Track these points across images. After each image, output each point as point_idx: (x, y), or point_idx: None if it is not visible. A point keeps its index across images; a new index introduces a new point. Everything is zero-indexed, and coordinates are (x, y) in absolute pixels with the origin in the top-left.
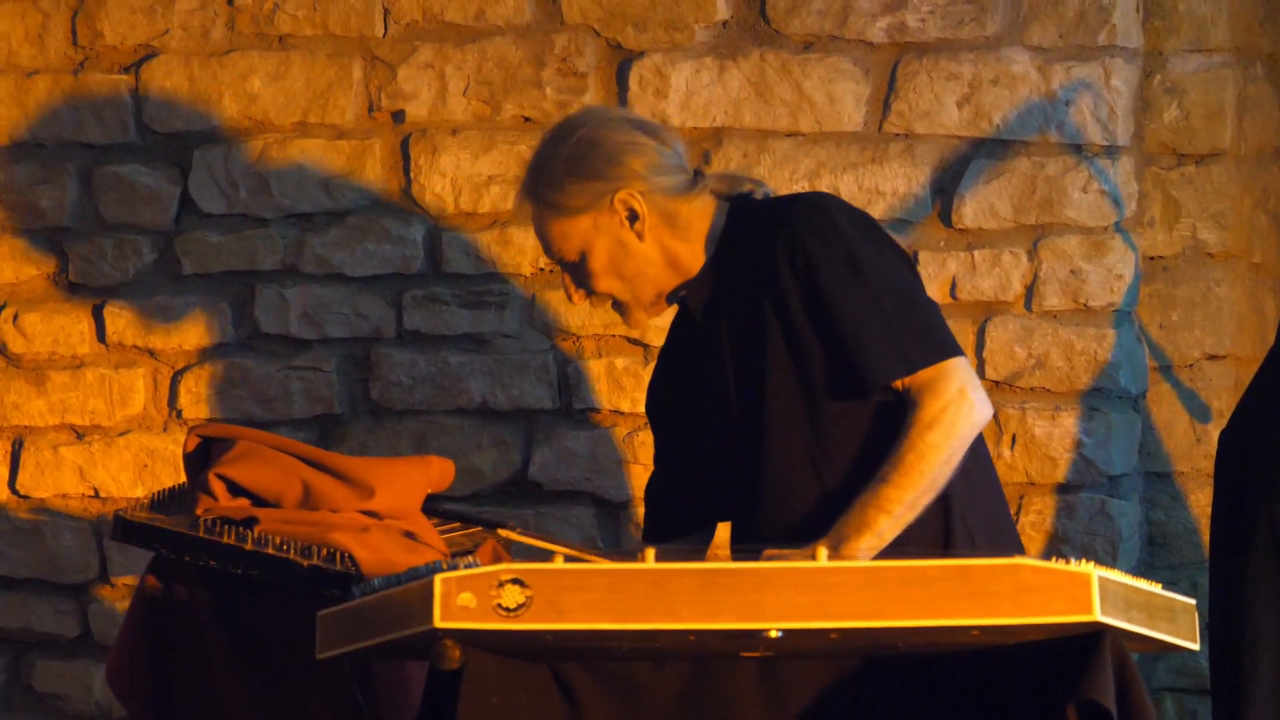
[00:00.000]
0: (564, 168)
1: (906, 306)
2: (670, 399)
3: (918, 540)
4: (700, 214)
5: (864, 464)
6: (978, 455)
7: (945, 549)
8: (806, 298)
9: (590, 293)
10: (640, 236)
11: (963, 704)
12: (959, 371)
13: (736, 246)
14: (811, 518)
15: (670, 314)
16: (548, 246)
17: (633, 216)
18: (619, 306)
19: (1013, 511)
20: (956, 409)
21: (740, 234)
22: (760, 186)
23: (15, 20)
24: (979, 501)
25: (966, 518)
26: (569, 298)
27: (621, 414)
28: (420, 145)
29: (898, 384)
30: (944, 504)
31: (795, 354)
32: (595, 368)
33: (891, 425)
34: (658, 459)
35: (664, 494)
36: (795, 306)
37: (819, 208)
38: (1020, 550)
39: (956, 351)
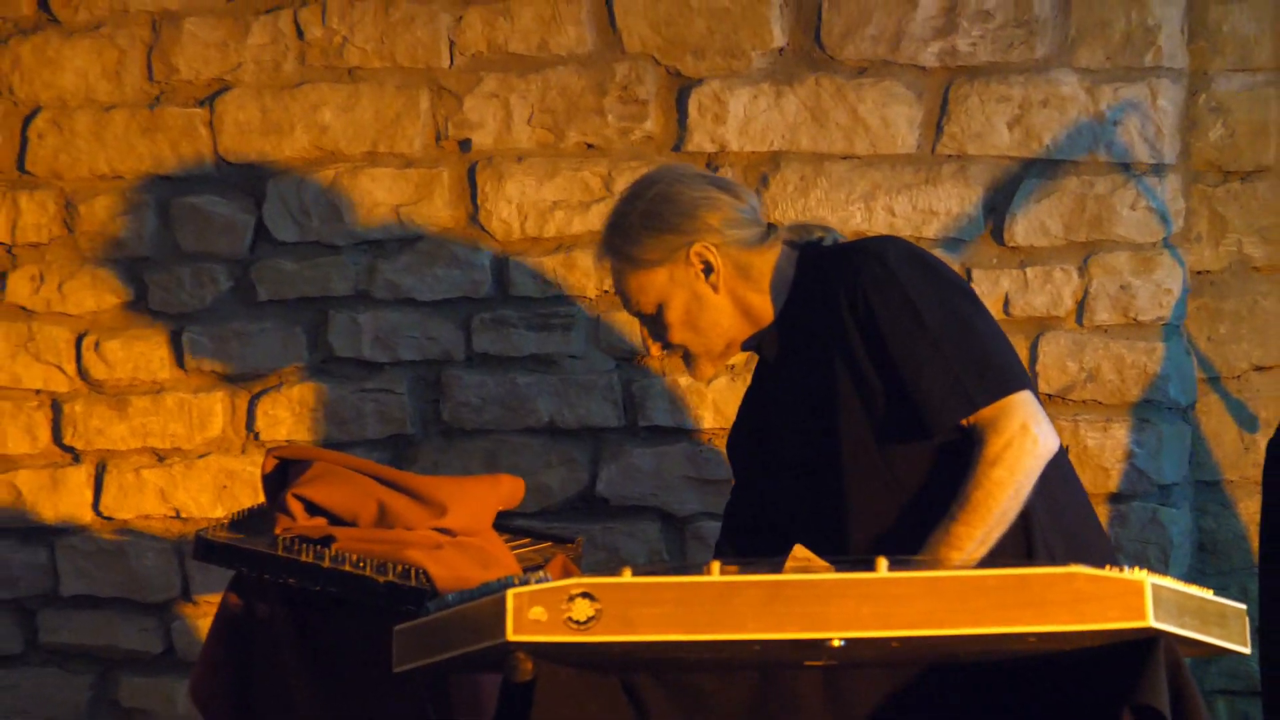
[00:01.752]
0: (640, 223)
1: (965, 346)
2: (749, 442)
3: (1003, 560)
4: (772, 264)
5: (938, 496)
6: (1062, 473)
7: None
8: (870, 346)
9: (666, 345)
10: (715, 288)
11: (1021, 710)
12: (1021, 406)
13: (805, 295)
14: (890, 551)
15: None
16: (626, 301)
17: (708, 269)
18: (688, 358)
19: None
20: (1020, 445)
21: (808, 283)
22: (830, 233)
23: (93, 57)
24: (1061, 519)
25: (1047, 536)
26: (646, 350)
27: (685, 431)
28: (486, 173)
29: (963, 422)
30: (1025, 524)
31: (865, 399)
32: (659, 387)
33: (963, 456)
34: (735, 492)
35: (740, 522)
36: (860, 355)
37: (877, 257)
38: (1112, 562)
39: (1019, 386)
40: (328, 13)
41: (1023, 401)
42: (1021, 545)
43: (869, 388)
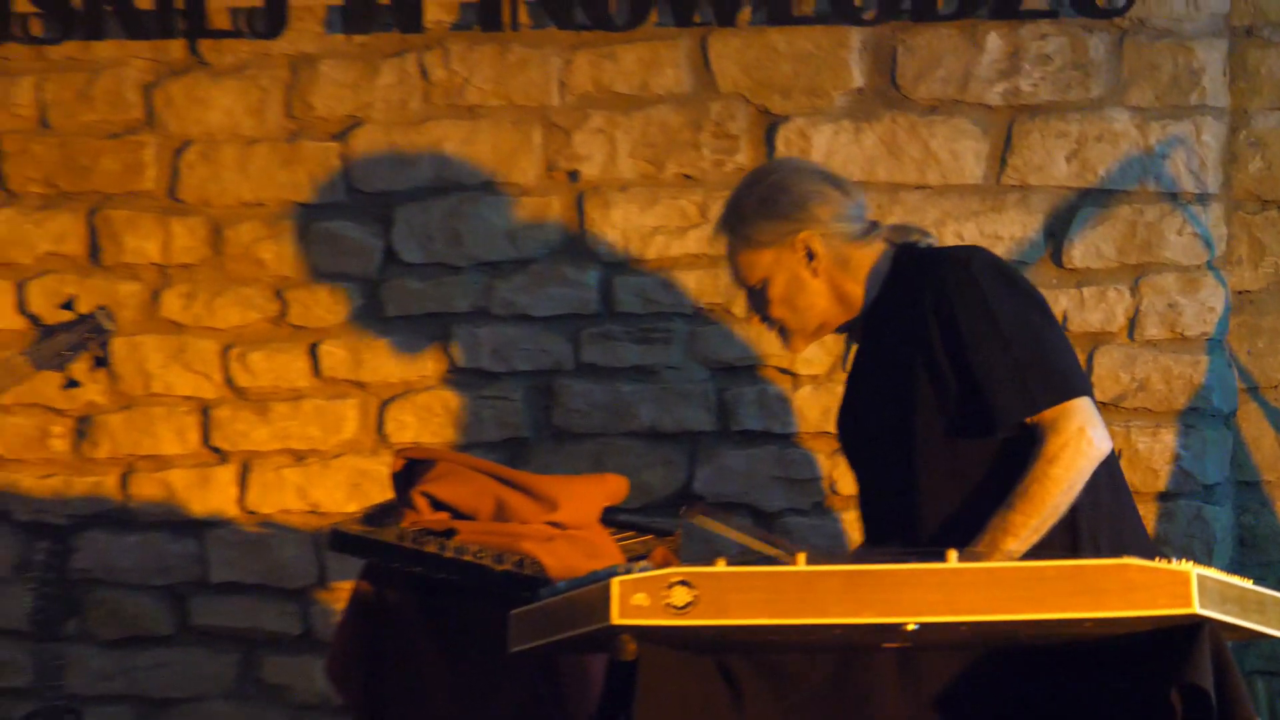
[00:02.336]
0: (756, 208)
1: (1034, 351)
2: (847, 422)
3: (1050, 551)
4: (870, 258)
5: (999, 486)
6: (1111, 475)
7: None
8: (948, 345)
9: (764, 318)
10: (815, 274)
11: (1077, 689)
12: (1080, 411)
13: (895, 291)
14: (953, 533)
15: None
16: (734, 273)
17: (810, 256)
18: (784, 332)
19: None
20: (1076, 446)
21: (900, 280)
22: (925, 236)
23: (238, 96)
24: (1105, 517)
25: (1094, 532)
26: (748, 318)
27: (773, 435)
28: (593, 200)
29: (1026, 421)
30: (1073, 518)
31: (939, 394)
32: (750, 394)
33: (1023, 452)
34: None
35: (865, 507)
36: (938, 352)
37: (963, 263)
38: (1152, 557)
39: (1081, 392)
40: (450, 56)
41: (1082, 406)
42: (1068, 538)
43: (943, 384)
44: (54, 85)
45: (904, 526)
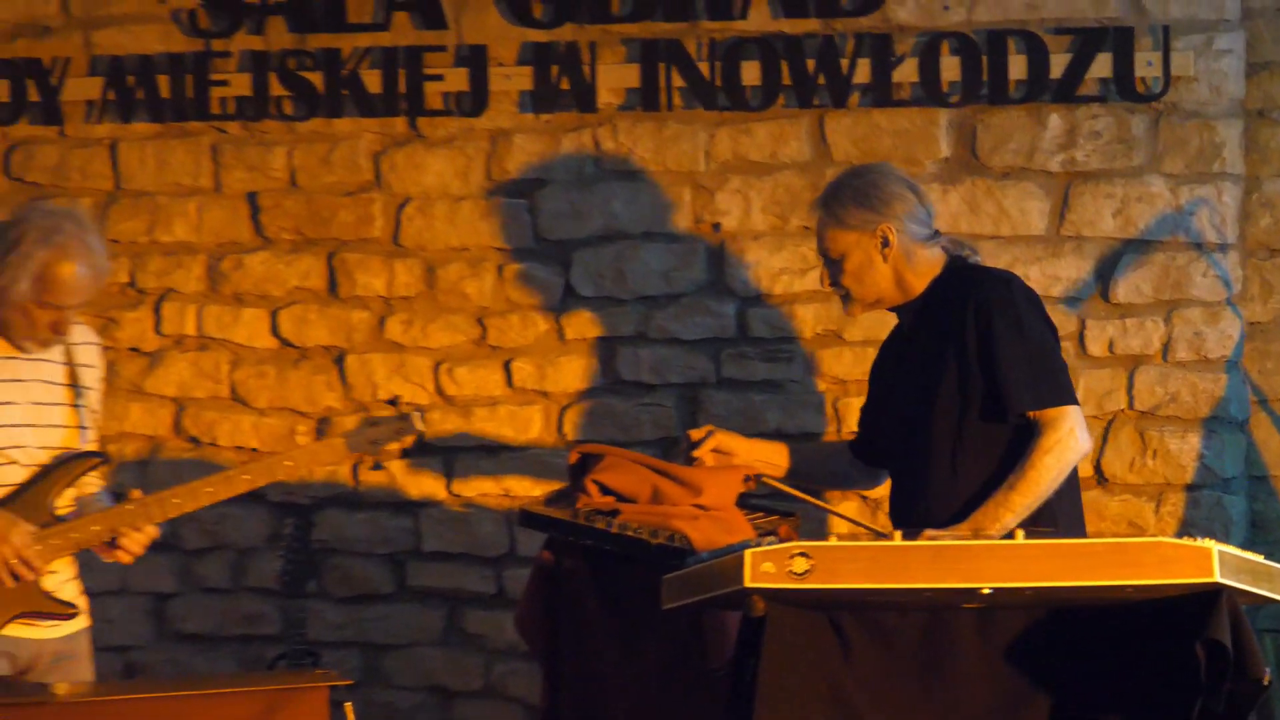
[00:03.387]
0: (851, 195)
1: (1047, 362)
2: (878, 376)
3: (1026, 522)
4: (929, 258)
5: (987, 470)
6: (1073, 468)
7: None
8: (980, 343)
9: (834, 284)
10: (885, 259)
11: (1119, 642)
12: (1073, 415)
13: (943, 291)
14: (944, 501)
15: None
16: (820, 244)
17: (884, 243)
18: (846, 299)
19: (1154, 505)
20: (1066, 444)
21: (949, 282)
22: (974, 254)
23: (448, 163)
24: (1066, 500)
25: (1056, 511)
26: (823, 281)
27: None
28: (731, 247)
29: (1031, 414)
30: (1048, 501)
31: (962, 382)
32: (856, 404)
33: (1010, 450)
34: (865, 408)
35: (863, 432)
36: (970, 347)
37: (1005, 282)
38: (1084, 533)
39: (1074, 401)
40: (618, 131)
41: (1075, 412)
42: (1046, 516)
43: (968, 375)
44: (301, 153)
45: (908, 485)
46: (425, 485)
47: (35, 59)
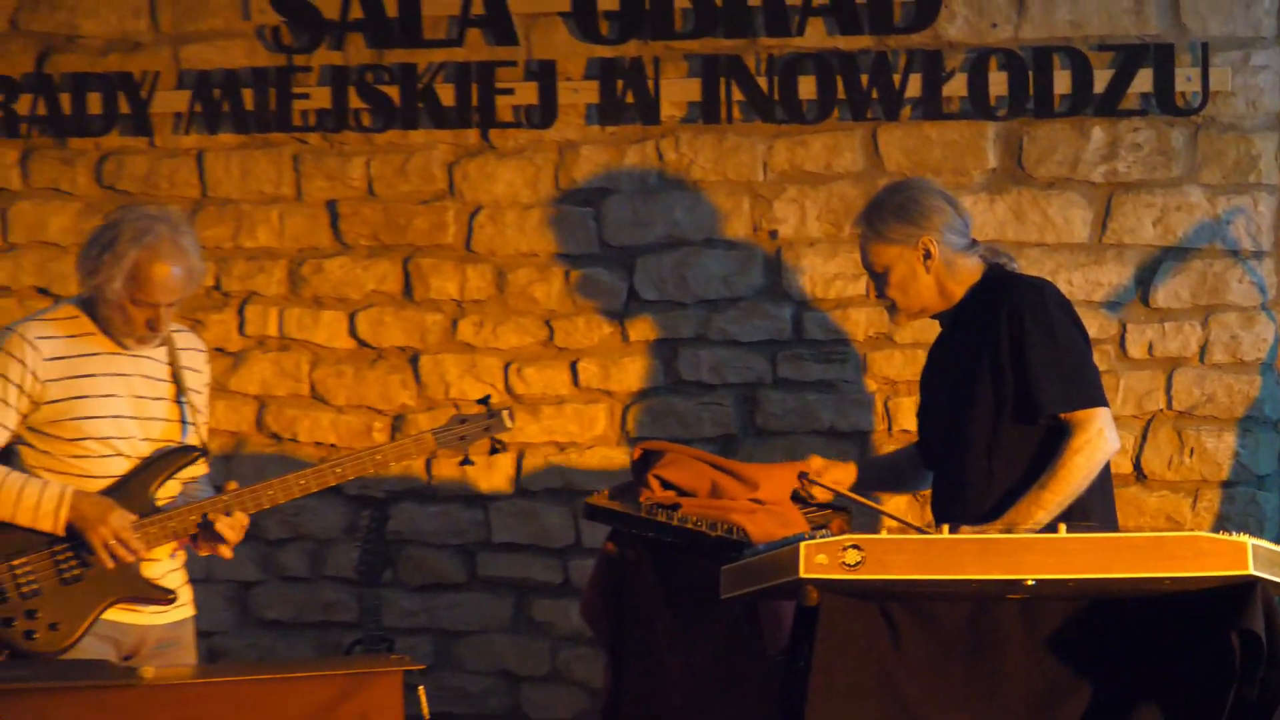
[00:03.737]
0: (892, 212)
1: (1078, 365)
2: (926, 380)
3: (1060, 518)
4: (969, 267)
5: (1021, 470)
6: (1105, 467)
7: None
8: (1014, 347)
9: (880, 295)
10: (927, 270)
11: (1157, 632)
12: (1102, 416)
13: (982, 297)
14: (981, 499)
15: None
16: (864, 258)
17: (926, 255)
18: (892, 309)
19: (1191, 501)
20: (1095, 444)
21: (986, 289)
22: (1011, 261)
23: (517, 172)
24: (1097, 497)
25: (1089, 508)
26: (868, 292)
27: None
28: (788, 253)
29: (1062, 416)
30: (1080, 498)
31: (996, 385)
32: (906, 404)
33: (1042, 450)
34: (917, 410)
35: (919, 432)
36: (1004, 352)
37: (1038, 290)
38: (1116, 527)
39: (1104, 403)
40: (679, 142)
41: (1104, 413)
42: (1078, 511)
43: (1002, 378)
44: (378, 163)
45: (946, 483)
46: (495, 479)
47: (127, 73)
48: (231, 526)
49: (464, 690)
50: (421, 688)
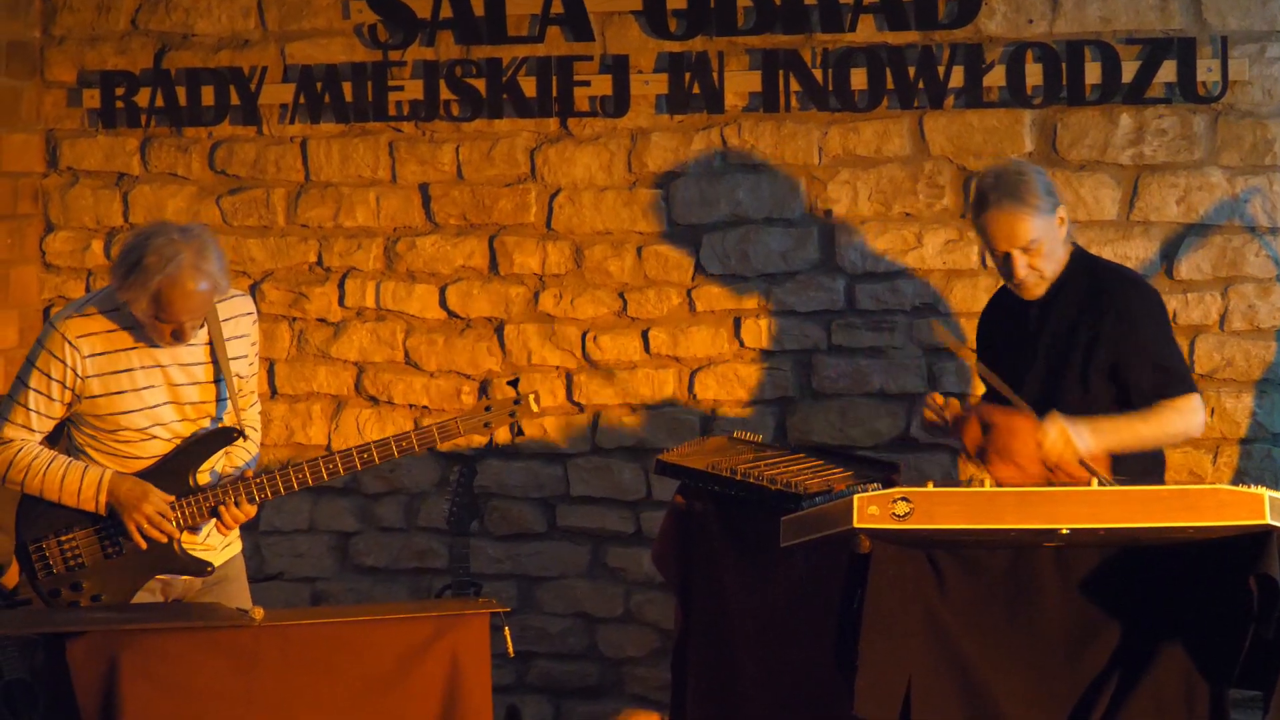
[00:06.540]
0: (1034, 183)
1: (1179, 357)
2: (992, 342)
3: (1122, 470)
4: (1068, 241)
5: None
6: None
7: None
8: (1119, 334)
9: (1016, 272)
10: (1063, 240)
11: (1182, 575)
12: (1195, 399)
13: (1076, 277)
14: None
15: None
16: (1013, 235)
17: (1063, 223)
18: (1024, 283)
19: (1211, 457)
20: (1190, 418)
21: (1084, 269)
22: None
23: (593, 157)
24: (1148, 458)
25: (1149, 462)
26: (1012, 275)
27: (966, 395)
28: (840, 231)
29: (1164, 400)
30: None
31: (1085, 363)
32: (950, 367)
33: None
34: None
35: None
36: (1104, 336)
37: (1145, 285)
38: (1162, 483)
39: (1197, 389)
40: (742, 129)
41: (1197, 398)
42: (1142, 462)
43: (1097, 359)
44: (466, 149)
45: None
46: (573, 437)
47: (237, 68)
48: (236, 517)
49: (545, 631)
50: (506, 628)
